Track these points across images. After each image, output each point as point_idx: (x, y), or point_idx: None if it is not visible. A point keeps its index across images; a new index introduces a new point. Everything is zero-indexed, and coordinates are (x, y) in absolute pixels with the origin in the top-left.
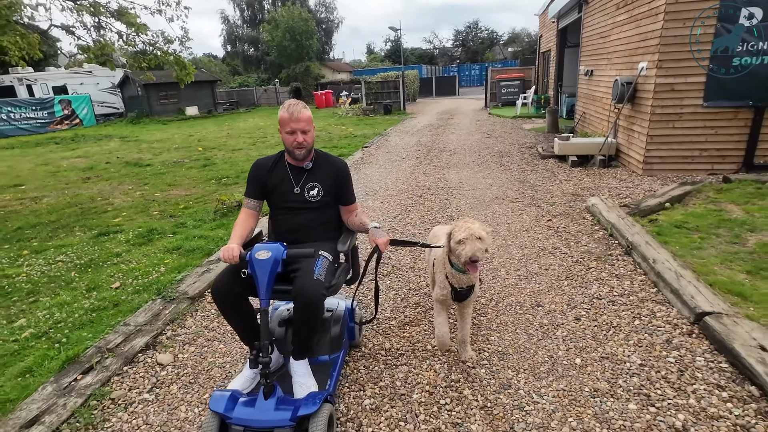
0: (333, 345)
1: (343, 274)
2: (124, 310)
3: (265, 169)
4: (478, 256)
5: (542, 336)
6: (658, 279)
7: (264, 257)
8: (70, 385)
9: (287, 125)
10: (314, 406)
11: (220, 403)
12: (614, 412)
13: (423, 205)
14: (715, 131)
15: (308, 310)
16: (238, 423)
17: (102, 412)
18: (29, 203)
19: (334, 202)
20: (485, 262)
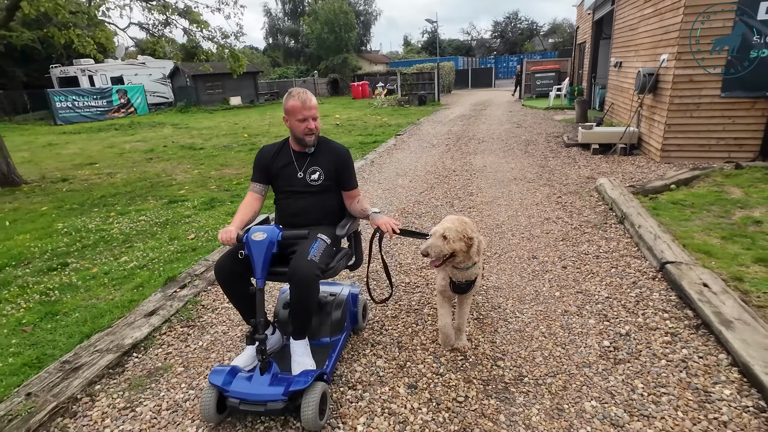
0: (334, 328)
1: (344, 258)
2: (201, 252)
3: (270, 154)
4: (429, 252)
5: (532, 278)
6: (640, 240)
7: (259, 239)
8: (173, 294)
9: (299, 113)
10: (305, 383)
11: (219, 377)
12: (576, 324)
13: (447, 184)
14: (732, 121)
15: (302, 290)
16: (234, 396)
17: (197, 312)
18: (106, 178)
19: (336, 186)
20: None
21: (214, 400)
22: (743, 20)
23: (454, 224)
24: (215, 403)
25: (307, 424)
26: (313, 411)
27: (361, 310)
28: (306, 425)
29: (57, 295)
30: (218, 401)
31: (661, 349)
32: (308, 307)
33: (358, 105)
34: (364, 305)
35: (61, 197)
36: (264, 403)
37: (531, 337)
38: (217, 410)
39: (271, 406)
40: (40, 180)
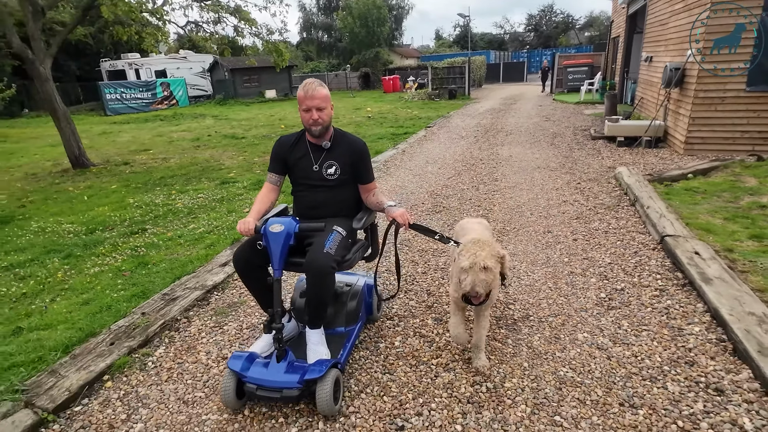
0: (349, 318)
1: (360, 250)
2: None
3: (286, 145)
4: (477, 291)
5: (545, 247)
6: (646, 219)
7: (277, 230)
8: None
9: (303, 103)
10: (320, 372)
11: (238, 363)
12: (579, 281)
13: (474, 171)
14: (757, 114)
15: (317, 281)
16: (252, 381)
17: None
18: (161, 162)
19: (352, 180)
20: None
21: (233, 386)
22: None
23: (483, 249)
24: (234, 388)
25: (322, 409)
26: (328, 398)
27: (376, 301)
28: (321, 410)
29: (144, 251)
30: (237, 387)
31: (649, 300)
32: (324, 297)
33: (389, 98)
34: (380, 296)
35: (126, 177)
36: (280, 390)
37: (539, 290)
38: (237, 396)
39: (287, 393)
40: (105, 163)
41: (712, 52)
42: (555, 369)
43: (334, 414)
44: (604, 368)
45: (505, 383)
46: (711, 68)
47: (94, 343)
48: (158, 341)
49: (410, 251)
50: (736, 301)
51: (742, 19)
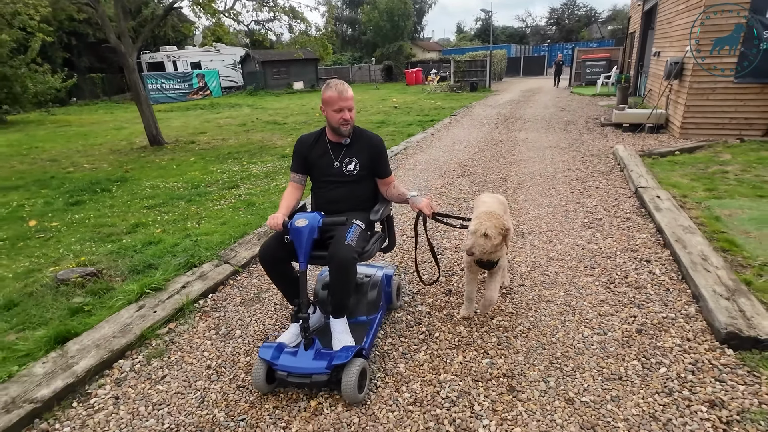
0: (370, 307)
1: (378, 242)
2: None
3: (307, 144)
4: (473, 251)
5: (548, 196)
6: (629, 178)
7: (302, 225)
8: None
9: (336, 104)
10: (346, 358)
11: (268, 352)
12: (571, 215)
13: (494, 149)
14: (743, 103)
15: (340, 273)
16: (282, 369)
17: None
18: (221, 142)
19: (370, 175)
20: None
21: (264, 373)
22: (755, 18)
23: (490, 219)
24: (265, 374)
25: (347, 396)
26: (353, 384)
27: (395, 290)
28: (346, 397)
29: (247, 197)
30: (267, 373)
31: (617, 223)
32: (347, 288)
33: (412, 90)
34: (398, 286)
35: (198, 153)
36: (309, 376)
37: (541, 218)
38: (267, 381)
39: (316, 378)
40: (175, 142)
41: (712, 52)
42: (547, 253)
43: (358, 401)
44: (578, 253)
45: (515, 258)
46: (705, 65)
47: (245, 240)
48: None
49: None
50: (674, 220)
51: (741, 20)
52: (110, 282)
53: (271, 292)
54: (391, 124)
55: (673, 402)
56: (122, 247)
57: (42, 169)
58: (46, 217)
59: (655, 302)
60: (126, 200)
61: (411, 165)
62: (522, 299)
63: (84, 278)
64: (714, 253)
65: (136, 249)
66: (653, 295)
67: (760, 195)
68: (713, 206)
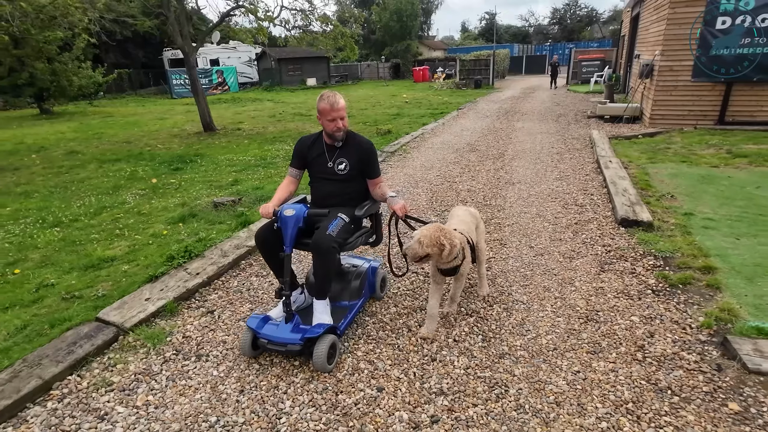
0: (353, 294)
1: (364, 236)
2: None
3: (306, 144)
4: (407, 253)
5: (533, 164)
6: (595, 152)
7: (289, 214)
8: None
9: (329, 114)
10: (317, 332)
11: (254, 322)
12: (549, 174)
13: (495, 135)
14: (699, 98)
15: (321, 258)
16: (264, 337)
17: None
18: (262, 129)
19: (360, 175)
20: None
21: (250, 339)
22: (707, 29)
23: (431, 232)
24: (251, 341)
25: (317, 365)
26: (323, 355)
27: (380, 281)
28: (316, 366)
29: None
30: (253, 340)
31: (579, 177)
32: (327, 272)
33: (419, 87)
34: (383, 278)
35: (247, 137)
36: (285, 345)
37: (527, 174)
38: (253, 347)
39: (290, 348)
40: (223, 129)
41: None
42: (529, 193)
43: (326, 371)
44: (549, 192)
45: (504, 204)
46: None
47: None
48: None
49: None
50: (615, 173)
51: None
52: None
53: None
54: (406, 115)
55: (588, 246)
56: (236, 191)
57: (125, 149)
58: (161, 178)
59: (589, 212)
60: (213, 168)
61: (429, 145)
62: (511, 214)
63: (231, 203)
64: (632, 188)
65: (248, 192)
66: (589, 209)
67: (683, 161)
68: (647, 167)
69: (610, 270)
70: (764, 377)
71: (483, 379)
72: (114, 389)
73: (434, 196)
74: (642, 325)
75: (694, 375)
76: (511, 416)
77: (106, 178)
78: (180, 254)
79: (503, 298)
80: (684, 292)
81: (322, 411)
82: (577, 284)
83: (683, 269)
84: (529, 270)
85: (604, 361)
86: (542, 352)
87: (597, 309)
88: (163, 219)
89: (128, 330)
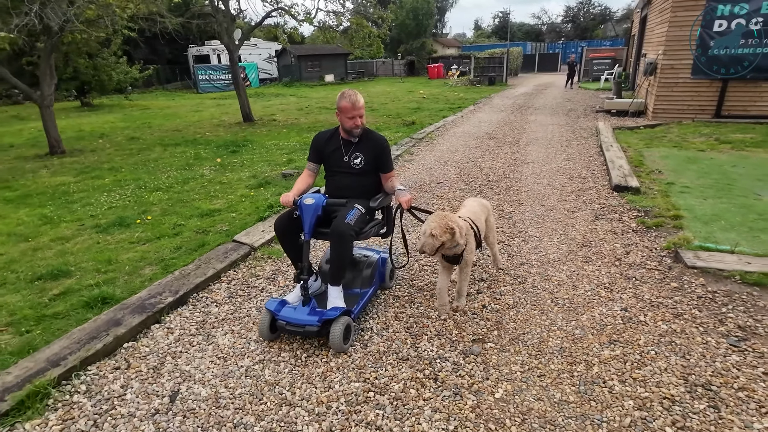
0: (364, 282)
1: (376, 227)
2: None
3: (323, 140)
4: (424, 250)
5: (544, 148)
6: (599, 139)
7: (309, 203)
8: (408, 141)
9: (349, 112)
10: (334, 314)
11: (273, 304)
12: (557, 155)
13: (510, 126)
14: (698, 93)
15: (339, 245)
16: (282, 319)
17: (413, 152)
18: (295, 120)
19: (374, 169)
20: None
21: (268, 322)
22: (705, 31)
23: (437, 221)
24: (269, 323)
25: (334, 345)
26: (339, 336)
27: (389, 272)
28: (332, 346)
29: None
30: (271, 323)
31: (584, 158)
32: (343, 259)
33: (434, 84)
34: (392, 269)
35: (284, 126)
36: (303, 326)
37: (540, 156)
38: (270, 330)
39: (308, 329)
40: (260, 120)
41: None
42: (541, 170)
43: (342, 350)
44: (557, 169)
45: (521, 177)
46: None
47: None
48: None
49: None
50: (614, 154)
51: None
52: None
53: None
54: (426, 110)
55: (587, 204)
56: (295, 167)
57: (178, 135)
58: (223, 158)
59: (590, 182)
60: (264, 151)
61: (452, 133)
62: (526, 183)
63: (297, 173)
64: (627, 165)
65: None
66: (590, 180)
67: (674, 146)
68: (643, 151)
69: (602, 218)
70: (696, 270)
71: (510, 275)
72: (260, 278)
73: (461, 172)
74: (621, 248)
75: (652, 271)
76: (530, 291)
77: (174, 158)
78: (276, 204)
79: (521, 234)
80: (656, 231)
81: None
82: (577, 227)
83: (658, 217)
84: (540, 218)
85: (592, 265)
86: (549, 262)
87: (590, 240)
88: (243, 186)
89: (256, 248)
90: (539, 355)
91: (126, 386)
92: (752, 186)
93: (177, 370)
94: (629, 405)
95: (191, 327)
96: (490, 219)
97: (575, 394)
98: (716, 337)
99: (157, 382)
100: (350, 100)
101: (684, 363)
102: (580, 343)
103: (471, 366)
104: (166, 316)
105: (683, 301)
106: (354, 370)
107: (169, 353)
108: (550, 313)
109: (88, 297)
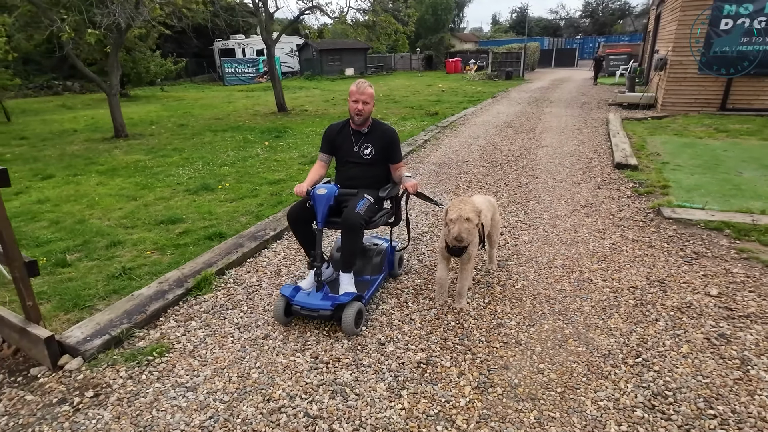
0: (374, 269)
1: (385, 216)
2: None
3: (335, 131)
4: (463, 237)
5: (558, 136)
6: (608, 127)
7: (321, 193)
8: (432, 129)
9: (353, 95)
10: (347, 299)
11: (288, 290)
12: (569, 141)
13: (527, 117)
14: (705, 88)
15: (349, 234)
16: (297, 304)
17: (437, 139)
18: (325, 111)
19: (383, 160)
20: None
21: (283, 306)
22: (712, 29)
23: (461, 205)
24: (284, 308)
25: (346, 329)
26: (351, 320)
27: (398, 260)
28: (345, 330)
29: None
30: (286, 307)
31: (593, 143)
32: (354, 247)
33: (452, 78)
34: (401, 257)
35: (317, 116)
36: (317, 311)
37: (554, 141)
38: (285, 314)
39: (322, 313)
40: (292, 110)
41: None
42: (554, 153)
43: (354, 333)
44: (569, 152)
45: (536, 158)
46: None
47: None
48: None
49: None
50: (619, 140)
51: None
52: None
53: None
54: (446, 102)
55: (591, 178)
56: None
57: (221, 123)
58: (270, 141)
59: (595, 162)
60: (305, 136)
61: (473, 123)
62: (540, 163)
63: None
64: (629, 149)
65: None
66: (596, 161)
67: (675, 135)
68: (646, 138)
69: (603, 188)
70: (671, 220)
71: (525, 224)
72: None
73: (483, 153)
74: (616, 208)
75: (638, 222)
76: (541, 234)
77: (226, 141)
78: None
79: (535, 198)
80: (646, 197)
81: None
82: (581, 193)
83: (649, 187)
84: (551, 188)
85: (591, 218)
86: (557, 216)
87: (591, 202)
88: (296, 162)
89: None
90: (547, 268)
91: (259, 281)
92: (736, 166)
93: (291, 274)
94: (606, 290)
95: (292, 250)
96: (496, 217)
97: (571, 286)
98: (675, 257)
99: (279, 279)
100: (357, 84)
101: (648, 271)
102: (577, 261)
103: (498, 273)
104: (271, 244)
105: (657, 238)
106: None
107: (282, 265)
108: (556, 246)
109: (206, 234)
